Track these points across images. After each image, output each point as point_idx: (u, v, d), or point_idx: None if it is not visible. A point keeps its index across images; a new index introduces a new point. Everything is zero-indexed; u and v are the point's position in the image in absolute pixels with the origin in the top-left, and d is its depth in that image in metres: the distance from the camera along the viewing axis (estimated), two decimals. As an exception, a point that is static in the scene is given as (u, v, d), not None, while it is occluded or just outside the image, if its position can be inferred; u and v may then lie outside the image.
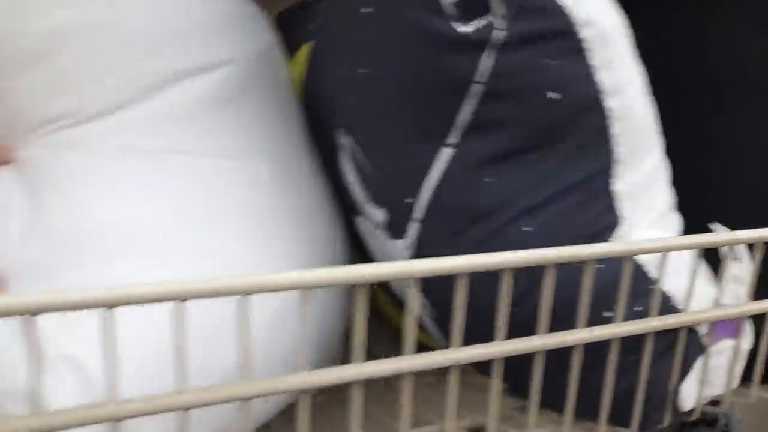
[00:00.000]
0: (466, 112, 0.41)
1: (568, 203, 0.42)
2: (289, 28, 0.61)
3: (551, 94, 0.39)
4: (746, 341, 0.48)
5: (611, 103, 0.40)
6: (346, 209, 0.54)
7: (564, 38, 0.39)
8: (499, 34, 0.38)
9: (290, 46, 0.60)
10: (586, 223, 0.42)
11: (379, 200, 0.47)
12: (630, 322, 0.41)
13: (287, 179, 0.49)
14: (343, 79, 0.46)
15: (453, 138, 0.41)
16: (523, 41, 0.38)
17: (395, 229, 0.47)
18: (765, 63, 0.52)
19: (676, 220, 0.47)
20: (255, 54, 0.49)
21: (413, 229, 0.45)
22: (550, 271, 0.37)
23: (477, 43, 0.38)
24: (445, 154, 0.42)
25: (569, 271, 0.41)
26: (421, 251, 0.46)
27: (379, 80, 0.42)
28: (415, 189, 0.43)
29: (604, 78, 0.40)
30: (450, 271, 0.35)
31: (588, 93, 0.40)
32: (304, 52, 0.57)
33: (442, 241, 0.44)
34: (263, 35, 0.52)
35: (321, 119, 0.52)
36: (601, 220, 0.43)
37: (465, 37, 0.38)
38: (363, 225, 0.52)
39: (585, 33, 0.39)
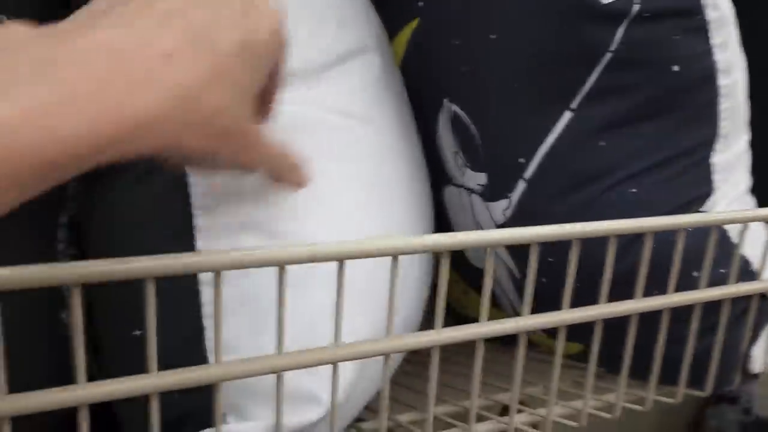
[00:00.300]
0: (592, 79, 0.45)
1: (672, 170, 0.46)
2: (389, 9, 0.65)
3: (674, 67, 0.44)
4: None
5: (723, 81, 0.45)
6: (434, 181, 0.57)
7: (692, 16, 0.43)
8: (636, 7, 0.43)
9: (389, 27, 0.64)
10: (685, 188, 0.47)
11: (481, 164, 0.50)
12: (709, 289, 0.46)
13: (408, 148, 0.52)
14: (457, 47, 0.50)
15: (575, 103, 0.45)
16: (656, 15, 0.43)
17: (495, 191, 0.50)
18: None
19: (751, 202, 0.52)
20: (380, 39, 0.53)
21: (519, 189, 0.49)
22: (648, 239, 0.41)
23: (617, 15, 0.43)
24: (566, 118, 0.46)
25: (662, 237, 0.45)
26: (522, 211, 0.49)
27: (509, 47, 0.46)
28: (530, 150, 0.47)
29: (720, 57, 0.44)
30: (529, 239, 0.38)
31: (705, 69, 0.44)
32: (406, 32, 0.60)
33: (549, 200, 0.48)
34: (378, 21, 0.55)
35: (422, 90, 0.55)
36: (698, 188, 0.47)
37: (608, 7, 0.42)
38: (451, 195, 0.55)
39: (710, 14, 0.43)
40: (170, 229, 0.38)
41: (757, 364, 0.50)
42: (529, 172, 0.48)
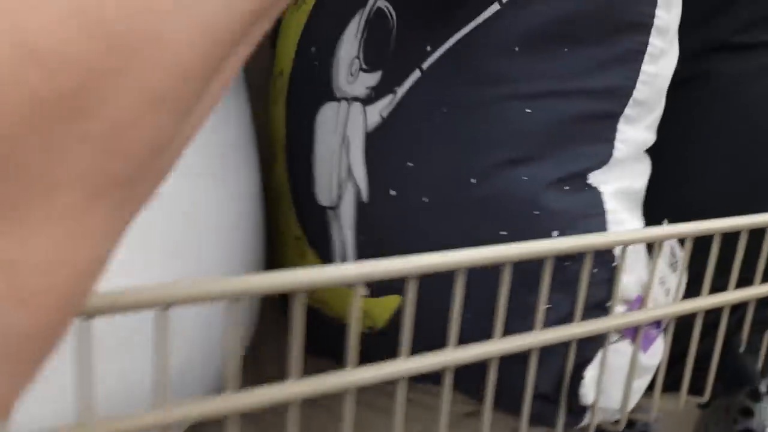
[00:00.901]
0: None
1: (576, 110, 0.42)
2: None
3: None
4: (653, 354, 0.45)
5: (655, 41, 0.41)
6: (309, 104, 0.51)
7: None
8: None
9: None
10: (582, 139, 0.42)
11: (383, 59, 0.46)
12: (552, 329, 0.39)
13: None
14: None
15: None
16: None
17: (383, 88, 0.45)
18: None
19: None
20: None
21: (410, 80, 0.43)
22: (507, 270, 0.35)
23: None
24: (491, 10, 0.41)
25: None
26: (403, 106, 0.44)
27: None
28: (442, 37, 0.42)
29: (660, 14, 0.41)
30: (399, 274, 0.32)
31: (643, 16, 0.40)
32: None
33: (437, 96, 0.43)
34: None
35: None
36: (594, 148, 0.42)
37: None
38: (326, 112, 0.49)
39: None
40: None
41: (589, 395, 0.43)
42: (429, 61, 0.43)
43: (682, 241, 0.44)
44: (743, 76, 0.47)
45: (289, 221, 0.54)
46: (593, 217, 0.42)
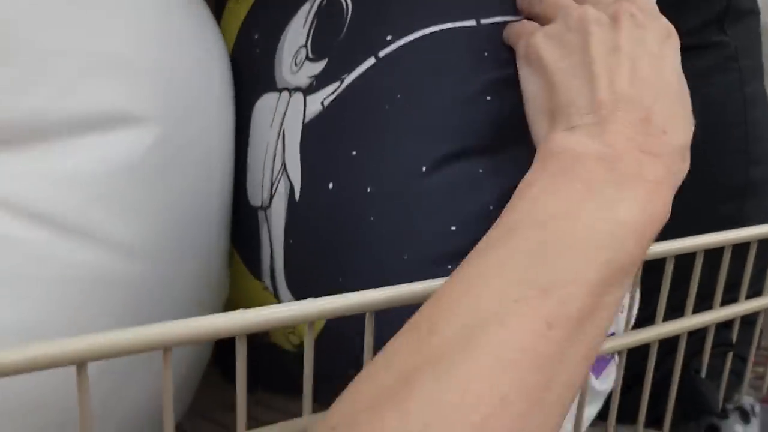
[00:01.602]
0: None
1: None
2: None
3: None
4: (605, 379, 0.42)
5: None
6: (245, 97, 0.48)
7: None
8: None
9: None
10: None
11: (331, 47, 0.42)
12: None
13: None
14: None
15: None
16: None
17: (328, 76, 0.41)
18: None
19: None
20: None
21: (363, 66, 0.40)
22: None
23: None
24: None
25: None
26: (348, 93, 0.41)
27: None
28: (405, 30, 0.40)
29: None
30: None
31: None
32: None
33: (392, 83, 0.39)
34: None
35: None
36: None
37: None
38: (264, 104, 0.46)
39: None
40: None
41: None
42: (388, 50, 0.39)
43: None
44: (695, 77, 0.45)
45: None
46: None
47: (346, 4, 0.43)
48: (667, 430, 0.45)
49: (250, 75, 0.48)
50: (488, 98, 0.38)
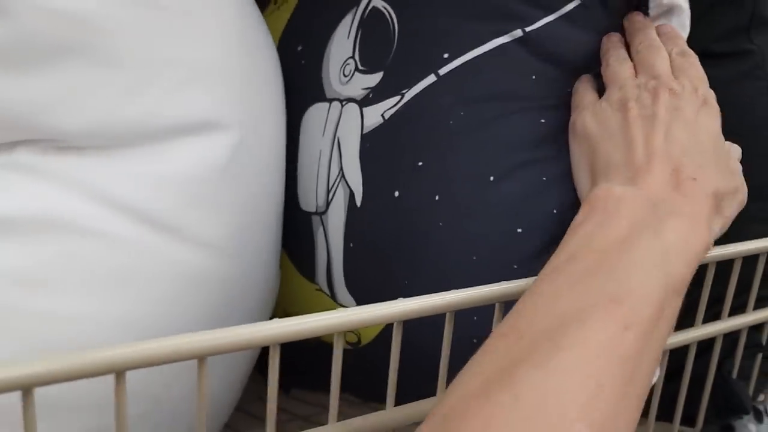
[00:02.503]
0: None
1: None
2: None
3: None
4: None
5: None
6: (296, 106, 0.49)
7: None
8: None
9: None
10: None
11: (383, 62, 0.44)
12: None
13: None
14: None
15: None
16: None
17: (387, 89, 0.43)
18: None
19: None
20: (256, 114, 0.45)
21: (424, 83, 0.42)
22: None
23: None
24: (517, 34, 0.42)
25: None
26: (412, 107, 0.43)
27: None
28: (461, 49, 0.42)
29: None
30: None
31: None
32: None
33: (451, 102, 0.42)
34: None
35: None
36: None
37: None
38: (315, 113, 0.48)
39: None
40: None
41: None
42: (447, 68, 0.41)
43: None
44: (723, 83, 0.47)
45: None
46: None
47: (391, 17, 0.45)
48: (700, 427, 0.47)
49: (298, 85, 0.50)
50: (542, 121, 0.41)
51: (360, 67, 0.46)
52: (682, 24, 0.44)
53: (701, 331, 0.43)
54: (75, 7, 0.32)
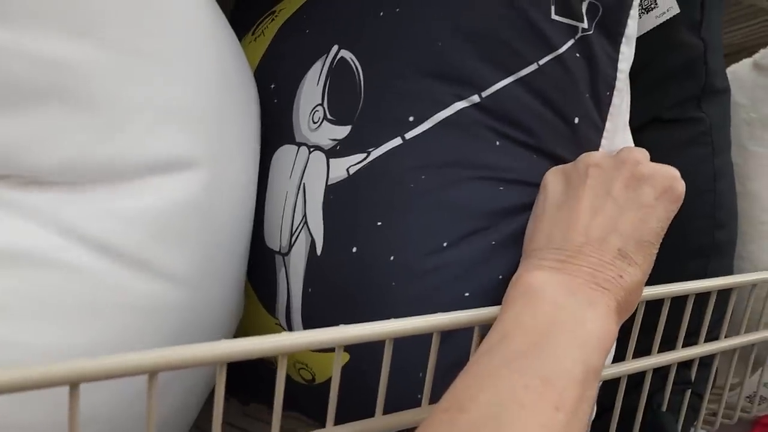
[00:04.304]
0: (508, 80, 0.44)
1: None
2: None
3: (575, 119, 0.44)
4: None
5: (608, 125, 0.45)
6: (265, 146, 0.51)
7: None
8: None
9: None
10: None
11: (350, 116, 0.46)
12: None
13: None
14: None
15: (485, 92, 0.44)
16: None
17: (354, 145, 0.45)
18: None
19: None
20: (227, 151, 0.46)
21: (389, 145, 0.44)
22: (436, 337, 0.37)
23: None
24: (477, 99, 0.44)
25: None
26: (375, 168, 0.44)
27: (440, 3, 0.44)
28: (425, 114, 0.44)
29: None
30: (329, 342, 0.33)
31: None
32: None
33: (414, 166, 0.43)
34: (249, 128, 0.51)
35: (306, 40, 0.51)
36: None
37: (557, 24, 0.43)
38: (283, 155, 0.50)
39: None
40: None
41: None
42: (413, 133, 0.43)
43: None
44: (671, 148, 0.50)
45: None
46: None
47: (357, 70, 0.46)
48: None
49: (270, 122, 0.51)
50: (500, 188, 0.43)
51: (329, 117, 0.47)
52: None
53: (632, 365, 0.46)
54: (55, 54, 0.33)
